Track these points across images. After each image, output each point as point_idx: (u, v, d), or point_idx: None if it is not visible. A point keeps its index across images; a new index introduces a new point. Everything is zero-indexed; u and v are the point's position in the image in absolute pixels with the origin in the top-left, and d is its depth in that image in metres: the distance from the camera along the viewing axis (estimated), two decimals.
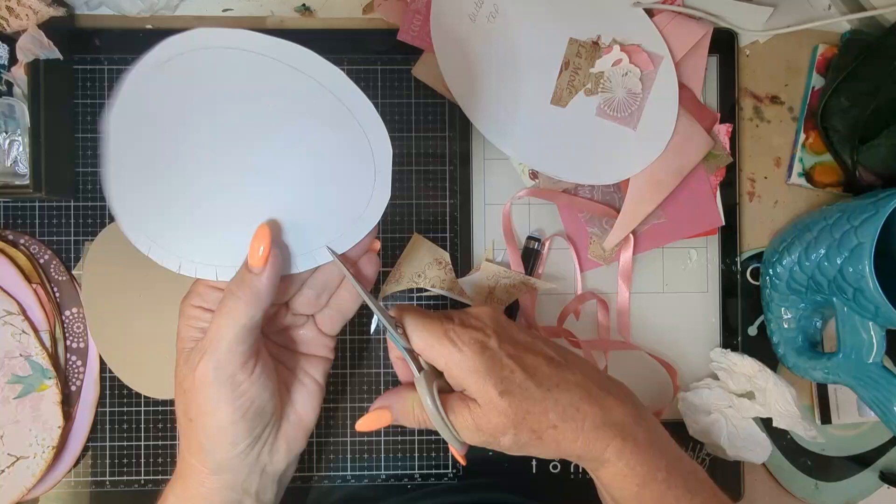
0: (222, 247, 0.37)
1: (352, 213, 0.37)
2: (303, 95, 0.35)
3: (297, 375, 0.41)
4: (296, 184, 0.36)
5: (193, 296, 0.38)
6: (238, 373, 0.35)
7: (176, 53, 0.34)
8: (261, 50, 0.34)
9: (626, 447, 0.38)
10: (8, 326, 0.48)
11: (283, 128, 0.35)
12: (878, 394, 0.45)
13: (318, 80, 0.34)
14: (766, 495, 0.54)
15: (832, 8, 0.53)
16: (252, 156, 0.36)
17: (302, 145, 0.36)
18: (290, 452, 0.40)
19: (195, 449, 0.37)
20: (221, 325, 0.35)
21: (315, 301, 0.40)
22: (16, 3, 0.45)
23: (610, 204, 0.52)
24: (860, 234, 0.43)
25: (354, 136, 0.36)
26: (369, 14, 0.52)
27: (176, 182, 0.36)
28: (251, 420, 0.36)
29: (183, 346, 0.37)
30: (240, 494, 0.38)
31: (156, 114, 0.35)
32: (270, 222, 0.36)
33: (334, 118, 0.35)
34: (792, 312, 0.50)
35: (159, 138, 0.35)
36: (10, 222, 0.50)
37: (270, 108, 0.35)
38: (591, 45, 0.49)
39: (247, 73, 0.34)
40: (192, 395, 0.36)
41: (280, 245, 0.37)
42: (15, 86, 0.46)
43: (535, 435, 0.37)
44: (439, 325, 0.38)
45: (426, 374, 0.38)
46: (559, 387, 0.38)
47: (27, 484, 0.48)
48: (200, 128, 0.35)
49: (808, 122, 0.53)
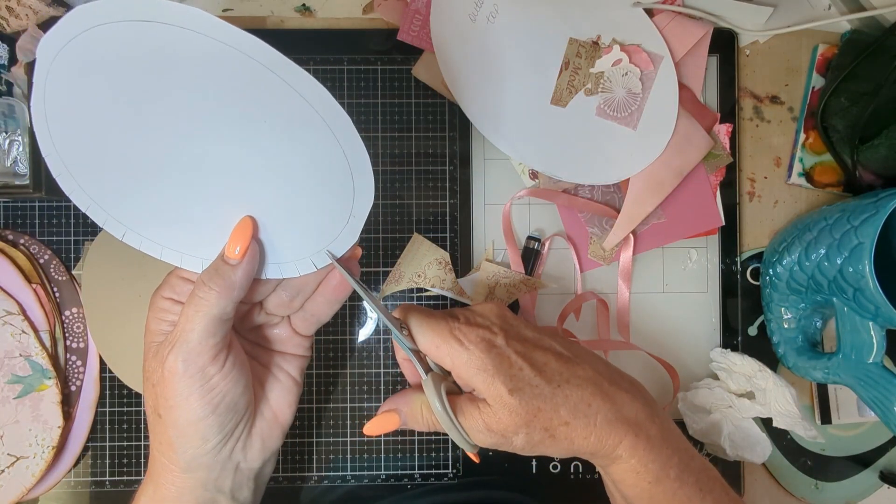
0: (198, 237, 0.36)
1: (339, 218, 0.36)
2: (286, 105, 0.33)
3: (272, 371, 0.40)
4: (282, 188, 0.36)
5: (165, 287, 0.37)
6: (209, 366, 0.34)
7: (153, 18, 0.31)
8: (234, 45, 0.32)
9: (638, 443, 0.37)
10: (8, 326, 0.48)
11: (267, 131, 0.34)
12: (878, 394, 0.45)
13: (303, 97, 0.33)
14: (766, 495, 0.54)
15: (832, 8, 0.53)
16: (239, 156, 0.35)
17: (287, 153, 0.35)
18: (266, 450, 0.39)
19: (165, 446, 0.36)
20: (192, 316, 0.34)
21: (288, 304, 0.39)
22: (16, 3, 0.45)
23: (610, 204, 0.52)
24: (860, 234, 0.43)
25: (332, 147, 0.34)
26: (369, 14, 0.52)
27: (150, 168, 0.35)
28: (222, 415, 0.35)
29: (152, 339, 0.36)
30: (213, 493, 0.37)
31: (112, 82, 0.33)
32: (253, 218, 0.36)
33: (316, 133, 0.34)
34: (792, 312, 0.50)
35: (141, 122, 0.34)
36: (10, 222, 0.50)
37: (248, 108, 0.33)
38: (591, 45, 0.49)
39: (227, 68, 0.32)
40: (160, 389, 0.35)
41: (259, 242, 0.36)
42: (15, 86, 0.46)
43: (547, 433, 0.36)
44: (445, 324, 0.37)
45: (434, 376, 0.37)
46: (569, 382, 0.37)
47: (27, 484, 0.48)
48: (171, 111, 0.34)
49: (808, 122, 0.53)
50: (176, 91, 0.33)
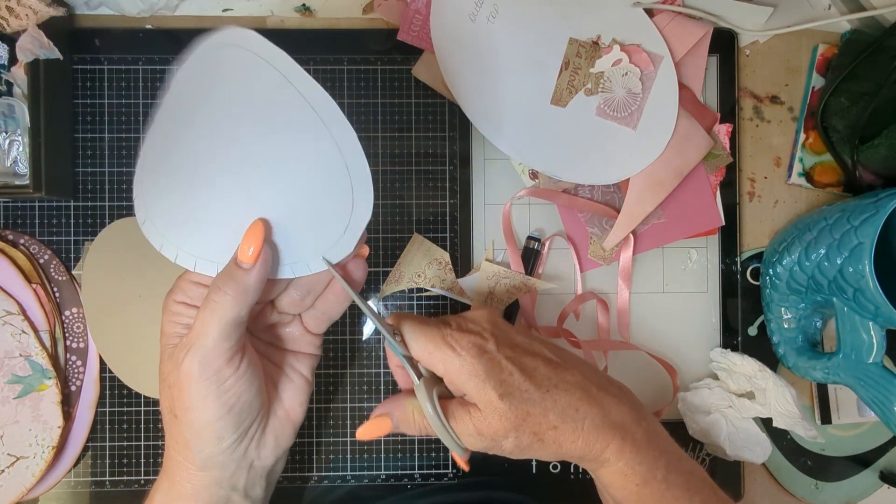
0: (215, 242, 0.37)
1: (341, 223, 0.37)
2: (299, 116, 0.36)
3: (284, 371, 0.41)
4: (291, 192, 0.37)
5: (177, 291, 0.37)
6: (224, 368, 0.35)
7: (229, 43, 0.35)
8: (280, 69, 0.35)
9: (625, 447, 0.38)
10: (8, 326, 0.48)
11: (282, 139, 0.36)
12: (878, 394, 0.45)
13: (311, 106, 0.36)
14: (766, 495, 0.54)
15: (832, 8, 0.53)
16: (254, 161, 0.36)
17: (299, 157, 0.36)
18: (279, 448, 0.40)
19: (181, 446, 0.37)
20: (207, 320, 0.34)
21: (300, 302, 0.39)
22: (16, 3, 0.45)
23: (610, 204, 0.52)
24: (860, 234, 0.43)
25: (335, 156, 0.37)
26: (369, 14, 0.52)
27: (185, 173, 0.37)
28: (237, 415, 0.36)
29: (167, 342, 0.37)
30: (227, 491, 0.38)
31: (191, 99, 0.36)
32: (264, 220, 0.36)
33: (317, 138, 0.36)
34: (792, 312, 0.50)
35: (184, 129, 0.36)
36: (10, 222, 0.50)
37: (274, 121, 0.36)
38: (591, 45, 0.49)
39: (268, 85, 0.36)
40: (177, 391, 0.35)
41: (271, 245, 0.37)
42: (15, 86, 0.46)
43: (536, 437, 0.37)
44: (437, 330, 0.38)
45: (426, 381, 0.38)
46: (558, 388, 0.38)
47: (27, 484, 0.48)
48: (218, 124, 0.36)
49: (808, 122, 0.53)
50: (237, 110, 0.36)
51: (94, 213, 0.51)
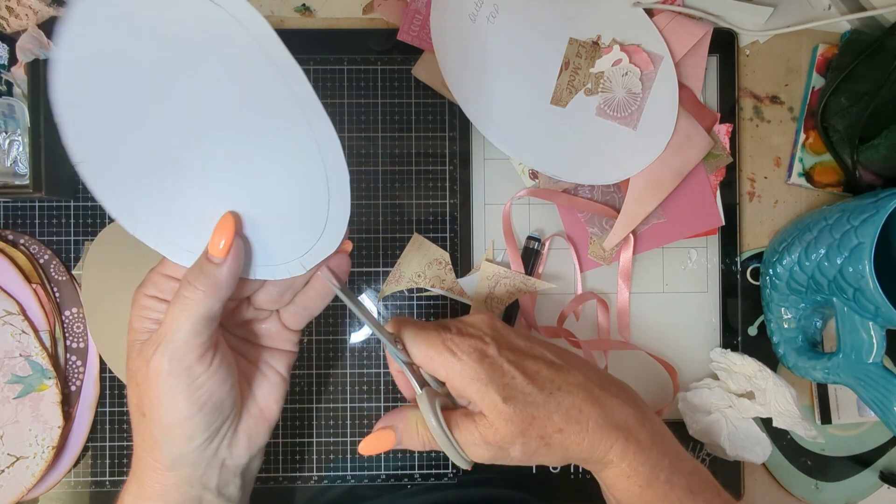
0: (193, 232, 0.35)
1: (319, 221, 0.36)
2: (279, 106, 0.33)
3: (260, 368, 0.40)
4: (267, 188, 0.35)
5: (148, 285, 0.36)
6: (195, 365, 0.34)
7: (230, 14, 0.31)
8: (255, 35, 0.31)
9: (629, 448, 0.37)
10: (8, 326, 0.48)
11: (260, 129, 0.34)
12: (878, 394, 0.45)
13: (299, 104, 0.33)
14: (766, 495, 0.54)
15: (832, 8, 0.53)
16: (227, 148, 0.34)
17: (276, 149, 0.34)
18: (252, 446, 0.39)
19: (149, 445, 0.36)
20: (177, 316, 0.33)
21: (278, 298, 0.38)
22: (16, 3, 0.45)
23: (610, 204, 0.52)
24: (860, 234, 0.43)
25: (314, 157, 0.34)
26: (369, 14, 0.52)
27: (153, 156, 0.34)
28: (209, 414, 0.35)
29: (136, 337, 0.36)
30: (199, 490, 0.37)
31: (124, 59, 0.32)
32: (235, 213, 0.35)
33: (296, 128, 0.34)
34: (792, 312, 0.50)
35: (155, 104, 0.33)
36: (10, 222, 0.50)
37: (254, 109, 0.33)
38: (591, 45, 0.49)
39: (254, 69, 0.32)
40: (145, 389, 0.34)
41: (244, 239, 0.35)
42: (15, 86, 0.46)
43: (543, 441, 0.37)
44: (437, 335, 0.37)
45: (428, 391, 0.37)
46: (561, 390, 0.37)
47: (27, 484, 0.48)
48: (196, 103, 0.33)
49: (808, 122, 0.53)
50: (189, 83, 0.33)
51: (94, 213, 0.51)
